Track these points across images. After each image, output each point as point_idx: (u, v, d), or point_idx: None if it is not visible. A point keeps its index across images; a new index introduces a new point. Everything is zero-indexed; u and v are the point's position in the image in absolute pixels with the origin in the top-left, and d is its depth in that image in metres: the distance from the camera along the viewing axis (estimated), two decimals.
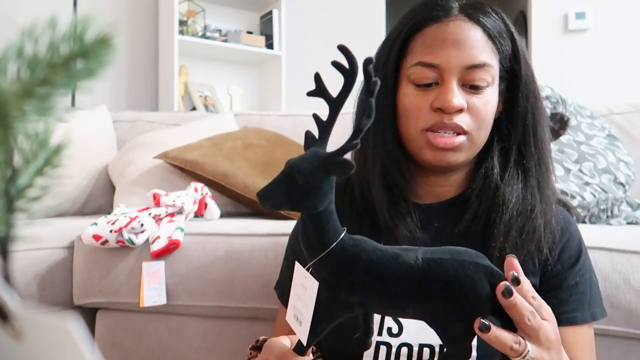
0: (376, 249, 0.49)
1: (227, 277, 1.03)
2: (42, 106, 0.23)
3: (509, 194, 0.67)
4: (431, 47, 0.66)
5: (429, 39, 0.67)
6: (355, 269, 0.48)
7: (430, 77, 0.66)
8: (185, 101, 2.86)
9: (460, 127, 0.66)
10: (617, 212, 1.28)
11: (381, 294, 0.48)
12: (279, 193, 0.45)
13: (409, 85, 0.68)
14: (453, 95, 0.64)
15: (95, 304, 1.09)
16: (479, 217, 0.69)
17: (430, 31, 0.67)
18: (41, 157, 0.25)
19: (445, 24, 0.67)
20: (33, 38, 0.23)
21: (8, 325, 0.24)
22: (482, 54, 0.66)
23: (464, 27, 0.66)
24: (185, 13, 2.87)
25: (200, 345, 1.07)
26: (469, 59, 0.65)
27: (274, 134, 1.62)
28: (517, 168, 0.69)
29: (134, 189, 1.43)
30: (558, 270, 0.69)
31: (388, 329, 0.66)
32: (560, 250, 0.70)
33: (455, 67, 0.65)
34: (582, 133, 1.39)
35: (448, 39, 0.65)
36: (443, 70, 0.65)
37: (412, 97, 0.67)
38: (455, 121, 0.65)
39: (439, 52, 0.65)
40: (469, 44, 0.66)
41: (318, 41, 3.24)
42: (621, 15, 2.97)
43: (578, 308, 0.69)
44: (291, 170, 0.45)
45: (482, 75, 0.66)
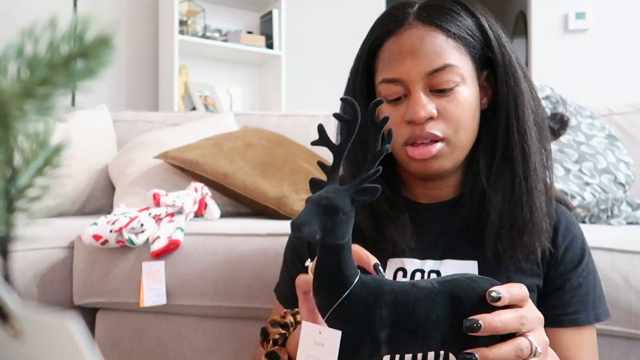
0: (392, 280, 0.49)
1: (227, 277, 1.03)
2: (42, 106, 0.23)
3: (494, 193, 0.67)
4: (389, 62, 0.67)
5: (387, 55, 0.68)
6: (381, 302, 0.47)
7: (398, 92, 0.67)
8: (185, 101, 2.86)
9: (434, 135, 0.66)
10: (617, 212, 1.28)
11: (411, 322, 0.47)
12: (314, 222, 0.44)
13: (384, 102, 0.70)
14: (420, 106, 0.65)
15: (95, 304, 1.09)
16: (470, 219, 0.69)
17: (387, 46, 0.68)
18: (41, 157, 0.25)
19: (399, 36, 0.67)
20: (33, 38, 0.23)
21: (8, 325, 0.24)
22: (441, 56, 0.65)
23: (418, 35, 0.66)
24: (185, 13, 2.87)
25: (200, 345, 1.07)
26: (428, 65, 0.65)
27: (274, 134, 1.62)
28: (503, 160, 0.68)
29: (134, 189, 1.43)
30: (561, 271, 0.69)
31: None
32: (563, 251, 0.69)
33: (416, 77, 0.65)
34: (582, 133, 1.39)
35: (403, 51, 0.66)
36: (406, 83, 0.66)
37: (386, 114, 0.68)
38: (427, 130, 0.65)
39: (397, 66, 0.66)
40: (426, 50, 0.65)
41: (318, 41, 3.24)
42: (621, 15, 2.97)
43: (581, 309, 0.69)
44: (320, 200, 0.44)
45: (448, 77, 0.65)
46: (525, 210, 0.66)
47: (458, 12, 0.68)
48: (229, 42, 2.89)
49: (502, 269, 0.67)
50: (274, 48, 3.01)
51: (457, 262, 0.68)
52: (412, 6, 0.69)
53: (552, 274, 0.69)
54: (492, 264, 0.67)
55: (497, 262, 0.67)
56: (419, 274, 0.69)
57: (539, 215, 0.67)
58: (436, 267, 0.69)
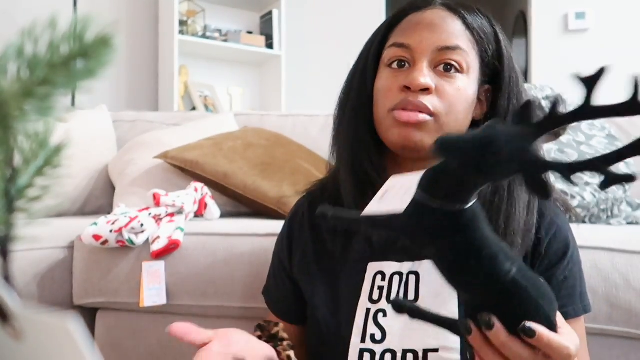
0: (490, 230, 0.46)
1: (227, 277, 1.03)
2: (42, 106, 0.23)
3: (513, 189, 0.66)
4: (405, 30, 0.68)
5: (405, 24, 0.69)
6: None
7: (402, 57, 0.67)
8: (185, 101, 2.86)
9: (425, 107, 0.64)
10: (617, 212, 1.28)
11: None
12: (467, 148, 0.40)
13: (385, 69, 0.69)
14: (420, 74, 0.64)
15: (95, 304, 1.09)
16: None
17: (407, 19, 0.69)
18: (41, 157, 0.25)
19: (423, 11, 0.69)
20: (33, 38, 0.23)
21: (8, 325, 0.24)
22: (456, 38, 0.66)
23: (441, 15, 0.68)
24: (185, 13, 2.87)
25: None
26: (442, 41, 0.66)
27: (274, 134, 1.62)
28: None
29: (134, 189, 1.43)
30: (546, 266, 0.68)
31: (371, 335, 0.66)
32: (547, 244, 0.68)
33: (426, 48, 0.66)
34: (582, 133, 1.39)
35: (423, 23, 0.67)
36: (414, 51, 0.66)
37: (384, 79, 0.68)
38: (420, 99, 0.64)
39: (412, 34, 0.67)
40: (444, 28, 0.67)
41: (318, 41, 3.24)
42: (621, 15, 2.97)
43: (568, 302, 0.68)
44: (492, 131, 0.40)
45: (455, 57, 0.66)
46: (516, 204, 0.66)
47: (481, 15, 0.70)
48: (229, 42, 2.89)
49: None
50: (274, 48, 3.01)
51: None
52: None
53: (537, 269, 0.68)
54: None
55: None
56: (397, 277, 0.68)
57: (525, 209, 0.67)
58: (415, 268, 0.68)
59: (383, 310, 0.67)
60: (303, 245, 0.77)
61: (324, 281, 0.74)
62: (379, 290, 0.68)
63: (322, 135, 1.74)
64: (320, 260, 0.75)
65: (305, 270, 0.77)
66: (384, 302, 0.67)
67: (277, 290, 0.83)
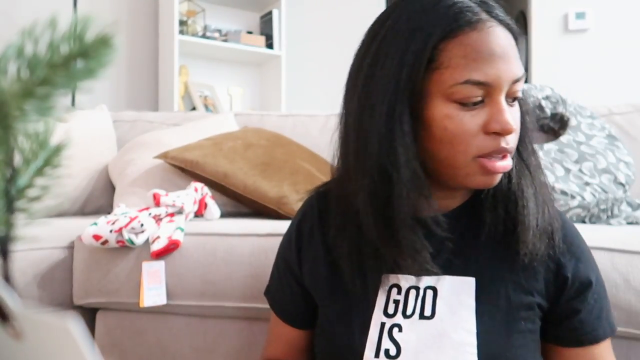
0: None
1: (227, 277, 1.03)
2: (42, 106, 0.23)
3: (524, 186, 0.64)
4: (477, 62, 0.57)
5: (472, 52, 0.57)
6: None
7: (479, 95, 0.58)
8: (185, 101, 2.86)
9: (513, 149, 0.61)
10: (617, 212, 1.28)
11: None
12: None
13: (450, 104, 0.58)
14: (509, 117, 0.58)
15: (95, 304, 1.09)
16: (499, 216, 0.64)
17: (469, 41, 0.57)
18: (41, 157, 0.25)
19: (484, 32, 0.58)
20: (33, 38, 0.23)
21: (8, 325, 0.24)
22: (521, 65, 0.60)
23: (504, 37, 0.59)
24: (185, 13, 2.87)
25: (200, 345, 1.07)
26: (515, 73, 0.59)
27: (274, 134, 1.62)
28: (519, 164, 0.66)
29: (134, 189, 1.43)
30: (575, 292, 0.65)
31: (385, 350, 0.64)
32: (574, 270, 0.65)
33: (504, 83, 0.58)
34: (582, 133, 1.39)
35: (495, 52, 0.57)
36: (492, 88, 0.58)
37: (459, 120, 0.58)
38: (511, 144, 0.60)
39: (488, 68, 0.57)
40: (512, 54, 0.59)
41: (318, 41, 3.24)
42: (621, 15, 2.97)
43: (598, 325, 0.66)
44: None
45: (520, 87, 0.61)
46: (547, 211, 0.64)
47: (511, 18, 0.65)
48: (229, 42, 2.89)
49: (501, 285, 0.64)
50: (274, 48, 3.01)
51: (455, 279, 0.65)
52: (483, 5, 0.61)
53: (565, 297, 0.65)
54: (489, 280, 0.64)
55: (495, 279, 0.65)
56: (413, 291, 0.66)
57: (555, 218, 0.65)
58: (432, 283, 0.65)
59: (398, 325, 0.64)
60: (314, 252, 0.74)
61: (336, 291, 0.71)
62: (395, 304, 0.66)
63: (322, 135, 1.74)
64: (332, 268, 0.71)
65: (317, 279, 0.73)
66: (399, 317, 0.65)
67: (284, 294, 0.79)
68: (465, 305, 0.63)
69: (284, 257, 0.79)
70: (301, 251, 0.76)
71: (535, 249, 0.63)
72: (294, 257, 0.76)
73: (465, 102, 0.58)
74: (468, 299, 0.63)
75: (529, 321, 0.64)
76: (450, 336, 0.62)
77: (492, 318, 0.63)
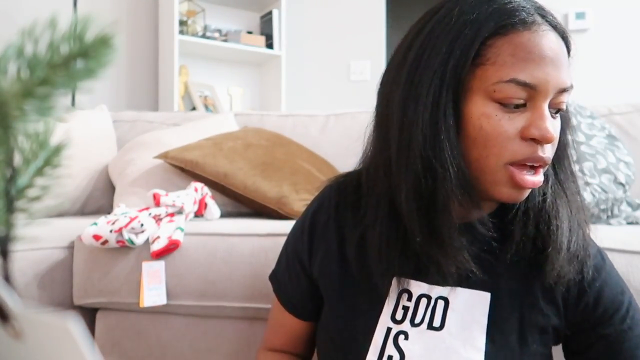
0: None
1: (227, 277, 1.03)
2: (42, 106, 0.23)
3: (559, 206, 0.61)
4: (526, 62, 0.54)
5: (522, 52, 0.55)
6: None
7: (522, 98, 0.55)
8: (185, 101, 2.86)
9: (549, 159, 0.57)
10: (617, 212, 1.28)
11: None
12: None
13: (490, 103, 0.56)
14: (551, 125, 0.55)
15: (95, 304, 1.09)
16: (529, 234, 0.61)
17: (520, 40, 0.55)
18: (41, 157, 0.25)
19: (538, 34, 0.55)
20: (33, 38, 0.23)
21: (8, 325, 0.24)
22: (570, 75, 0.57)
23: (557, 43, 0.56)
24: (185, 13, 2.87)
25: (200, 345, 1.07)
26: (563, 82, 0.56)
27: (274, 134, 1.62)
28: (556, 181, 0.63)
29: (134, 189, 1.43)
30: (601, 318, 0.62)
31: (389, 357, 0.62)
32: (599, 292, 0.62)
33: (551, 90, 0.55)
34: (582, 133, 1.39)
35: (546, 55, 0.55)
36: (537, 92, 0.55)
37: (496, 121, 0.55)
38: (547, 154, 0.57)
39: (536, 70, 0.54)
40: (562, 62, 0.56)
41: (318, 41, 3.24)
42: (621, 15, 2.97)
43: (637, 354, 0.62)
44: None
45: (566, 99, 0.58)
46: (580, 234, 0.61)
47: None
48: (229, 42, 2.89)
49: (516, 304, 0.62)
50: (274, 48, 3.01)
51: (470, 292, 0.62)
52: (539, 10, 0.59)
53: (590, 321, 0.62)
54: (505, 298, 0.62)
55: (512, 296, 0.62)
56: (424, 300, 0.63)
57: (586, 242, 0.62)
58: (445, 293, 0.63)
59: (405, 333, 0.62)
60: (326, 244, 0.71)
61: (345, 288, 0.69)
62: (404, 310, 0.63)
63: (322, 135, 1.74)
64: (345, 264, 0.69)
65: (328, 273, 0.71)
66: (407, 324, 0.63)
67: (290, 283, 0.77)
68: (477, 321, 0.61)
69: (294, 246, 0.76)
70: (313, 242, 0.73)
71: (564, 272, 0.60)
72: (306, 247, 0.73)
73: (507, 103, 0.55)
74: (480, 315, 0.61)
75: (541, 344, 0.62)
76: (458, 351, 0.60)
77: (504, 337, 0.61)
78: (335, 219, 0.71)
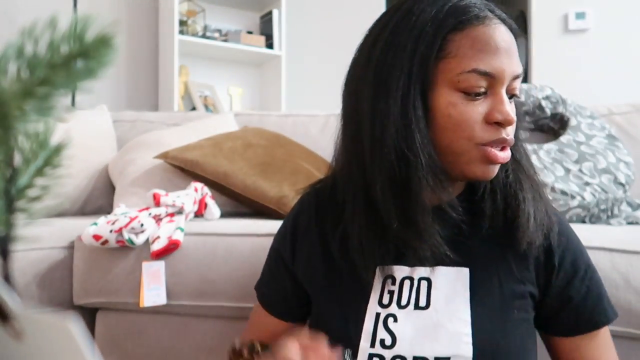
0: None
1: (227, 277, 1.03)
2: (42, 106, 0.23)
3: (521, 180, 0.67)
4: (484, 53, 0.60)
5: (479, 44, 0.60)
6: None
7: (483, 86, 0.61)
8: (185, 101, 2.86)
9: (512, 140, 0.63)
10: (617, 212, 1.28)
11: None
12: None
13: (455, 93, 0.61)
14: (510, 108, 0.61)
15: (95, 304, 1.09)
16: (498, 208, 0.66)
17: (476, 34, 0.60)
18: (41, 157, 0.25)
19: (491, 27, 0.61)
20: (33, 38, 0.23)
21: (8, 325, 0.24)
22: (521, 64, 0.64)
23: (507, 34, 0.62)
24: (185, 13, 2.87)
25: (200, 345, 1.07)
26: (517, 69, 0.62)
27: (274, 134, 1.62)
28: (515, 164, 0.68)
29: (134, 189, 1.43)
30: (563, 279, 0.67)
31: (381, 340, 0.64)
32: (561, 255, 0.67)
33: (507, 77, 0.61)
34: (582, 133, 1.39)
35: (501, 47, 0.61)
36: (496, 80, 0.61)
37: (462, 107, 0.61)
38: (510, 135, 0.62)
39: (493, 60, 0.60)
40: (514, 52, 0.62)
41: (318, 41, 3.24)
42: (621, 15, 2.97)
43: (599, 311, 0.68)
44: None
45: (518, 86, 0.64)
46: (542, 204, 0.66)
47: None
48: (229, 42, 2.89)
49: (494, 275, 0.66)
50: (274, 48, 3.01)
51: (450, 269, 0.66)
52: (488, 6, 0.64)
53: (555, 285, 0.67)
54: (482, 271, 0.66)
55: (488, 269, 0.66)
56: (408, 282, 0.67)
57: (548, 211, 0.67)
58: (426, 274, 0.67)
59: (393, 315, 0.65)
60: (309, 245, 0.75)
61: (332, 285, 0.72)
62: (389, 295, 0.67)
63: (322, 135, 1.74)
64: (329, 263, 0.72)
65: (312, 274, 0.74)
66: (394, 307, 0.66)
67: (276, 289, 0.80)
68: (460, 296, 0.65)
69: (278, 250, 0.79)
70: (296, 244, 0.76)
71: (533, 239, 0.65)
72: (288, 249, 0.77)
73: (469, 91, 0.60)
74: (462, 289, 0.65)
75: (522, 310, 0.66)
76: (445, 326, 0.64)
77: (486, 307, 0.64)
78: (316, 220, 0.75)
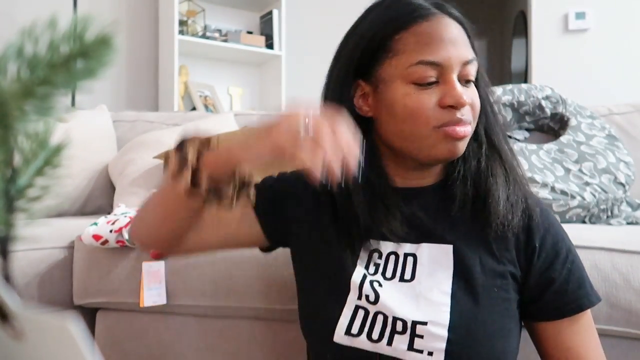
0: None
1: (227, 277, 1.03)
2: (42, 106, 0.23)
3: (493, 168, 0.71)
4: (428, 45, 0.66)
5: (424, 38, 0.67)
6: None
7: (432, 76, 0.66)
8: (185, 101, 2.86)
9: (469, 120, 0.68)
10: (617, 212, 1.28)
11: None
12: None
13: (408, 85, 0.67)
14: (461, 92, 0.66)
15: (95, 304, 1.09)
16: (467, 192, 0.71)
17: (420, 30, 0.67)
18: (41, 157, 0.25)
19: (434, 22, 0.68)
20: (33, 38, 0.23)
21: (8, 325, 0.24)
22: (470, 50, 0.69)
23: (452, 25, 0.68)
24: (185, 13, 2.87)
25: (200, 345, 1.07)
26: (465, 55, 0.67)
27: None
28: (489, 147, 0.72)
29: (134, 189, 1.43)
30: (544, 260, 0.70)
31: (366, 296, 0.68)
32: (542, 237, 0.70)
33: (455, 64, 0.67)
34: (582, 133, 1.39)
35: (444, 38, 0.67)
36: (444, 68, 0.66)
37: (416, 97, 0.67)
38: (465, 115, 0.67)
39: (438, 50, 0.66)
40: (461, 40, 0.68)
41: (318, 41, 3.24)
42: (621, 15, 2.97)
43: (582, 294, 0.70)
44: None
45: (472, 70, 0.69)
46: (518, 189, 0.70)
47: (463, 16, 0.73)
48: (229, 42, 2.89)
49: (475, 253, 0.69)
50: (274, 48, 3.01)
51: (434, 246, 0.70)
52: (436, 4, 0.70)
53: (536, 267, 0.70)
54: (465, 249, 0.69)
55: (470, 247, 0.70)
56: (393, 257, 0.71)
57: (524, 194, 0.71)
58: (412, 250, 0.71)
59: (378, 281, 0.70)
60: (306, 202, 0.78)
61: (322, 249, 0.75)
62: (375, 267, 0.71)
63: None
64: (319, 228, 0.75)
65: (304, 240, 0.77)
66: (379, 276, 0.70)
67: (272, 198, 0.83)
68: (444, 270, 0.69)
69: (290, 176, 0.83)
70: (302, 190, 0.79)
71: (507, 221, 0.68)
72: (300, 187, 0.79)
73: (421, 82, 0.66)
74: (446, 265, 0.69)
75: (502, 290, 0.69)
76: (426, 296, 0.67)
77: (467, 282, 0.68)
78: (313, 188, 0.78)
